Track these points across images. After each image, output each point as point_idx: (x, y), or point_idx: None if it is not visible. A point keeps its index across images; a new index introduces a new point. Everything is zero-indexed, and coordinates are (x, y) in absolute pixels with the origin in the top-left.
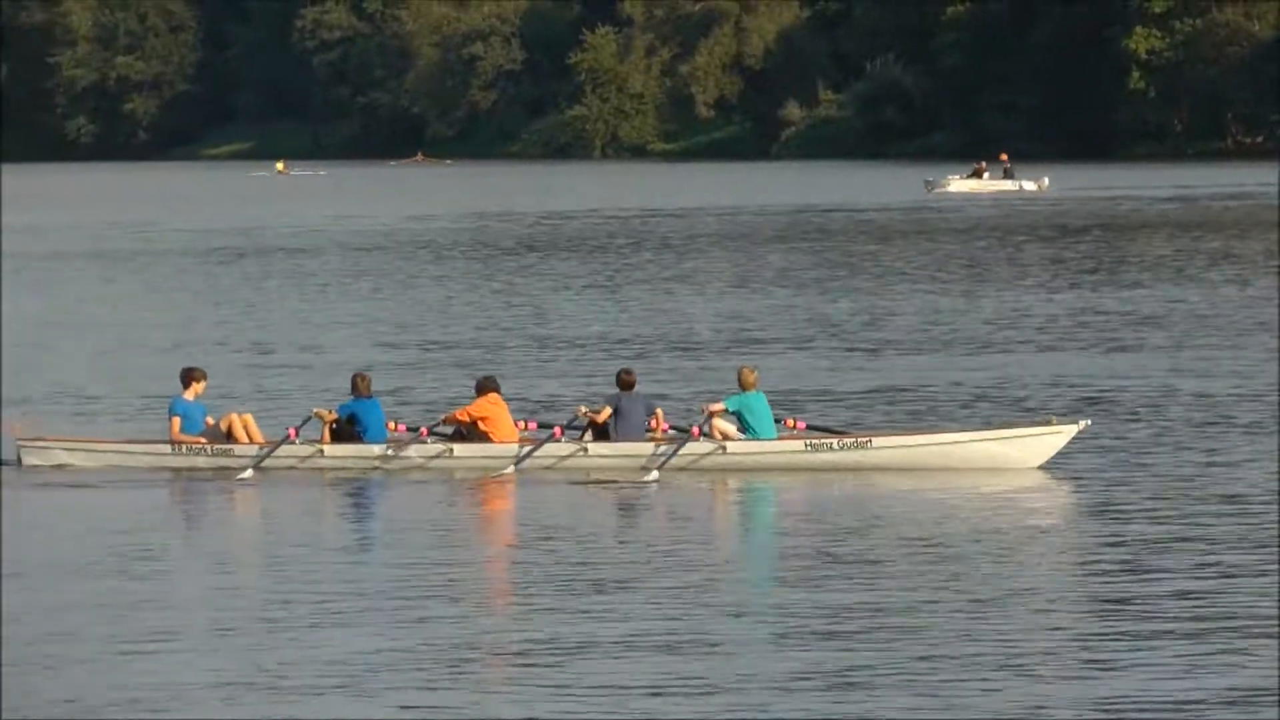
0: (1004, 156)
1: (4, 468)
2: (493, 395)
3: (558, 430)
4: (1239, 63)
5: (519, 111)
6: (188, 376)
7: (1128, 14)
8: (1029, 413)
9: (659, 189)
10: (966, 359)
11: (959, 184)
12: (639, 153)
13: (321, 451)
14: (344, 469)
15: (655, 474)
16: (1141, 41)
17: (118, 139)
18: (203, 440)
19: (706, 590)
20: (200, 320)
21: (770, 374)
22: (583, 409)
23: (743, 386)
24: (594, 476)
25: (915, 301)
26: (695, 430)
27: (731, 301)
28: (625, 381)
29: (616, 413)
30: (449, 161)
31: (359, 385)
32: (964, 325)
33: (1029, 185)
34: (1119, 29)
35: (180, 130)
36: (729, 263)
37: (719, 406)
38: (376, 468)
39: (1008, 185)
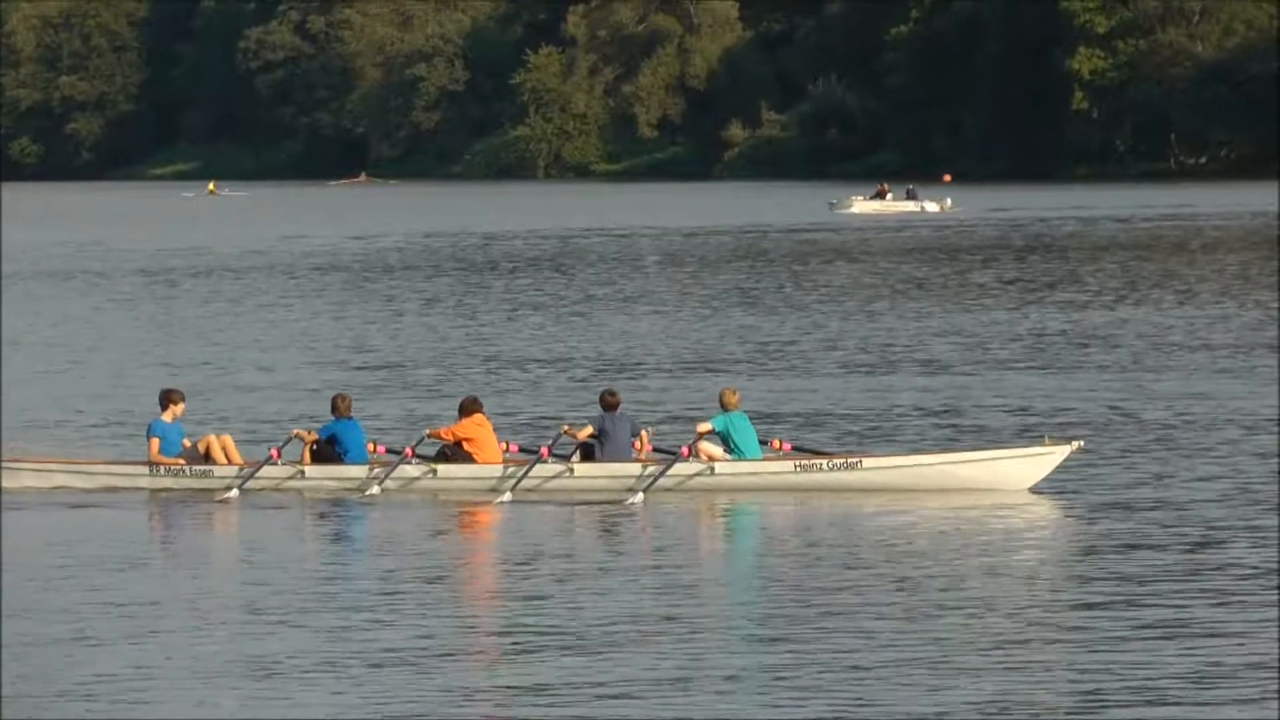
0: (947, 177)
1: None
2: (478, 416)
3: (544, 451)
4: (1182, 84)
5: (462, 132)
6: (166, 398)
7: (1071, 35)
8: (965, 435)
9: (547, 210)
10: (867, 379)
11: (862, 205)
12: (582, 173)
13: (302, 473)
14: (325, 490)
15: (640, 496)
16: (1085, 62)
17: (61, 159)
18: (181, 461)
19: (695, 612)
20: (154, 341)
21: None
22: (566, 428)
23: (725, 407)
24: (580, 498)
25: (813, 321)
26: (685, 450)
27: (643, 322)
28: (609, 402)
29: (601, 434)
30: (393, 182)
31: (339, 406)
32: (869, 345)
33: (931, 206)
34: (1063, 50)
35: (124, 150)
36: (629, 281)
37: (705, 427)
38: (359, 488)
39: (911, 206)
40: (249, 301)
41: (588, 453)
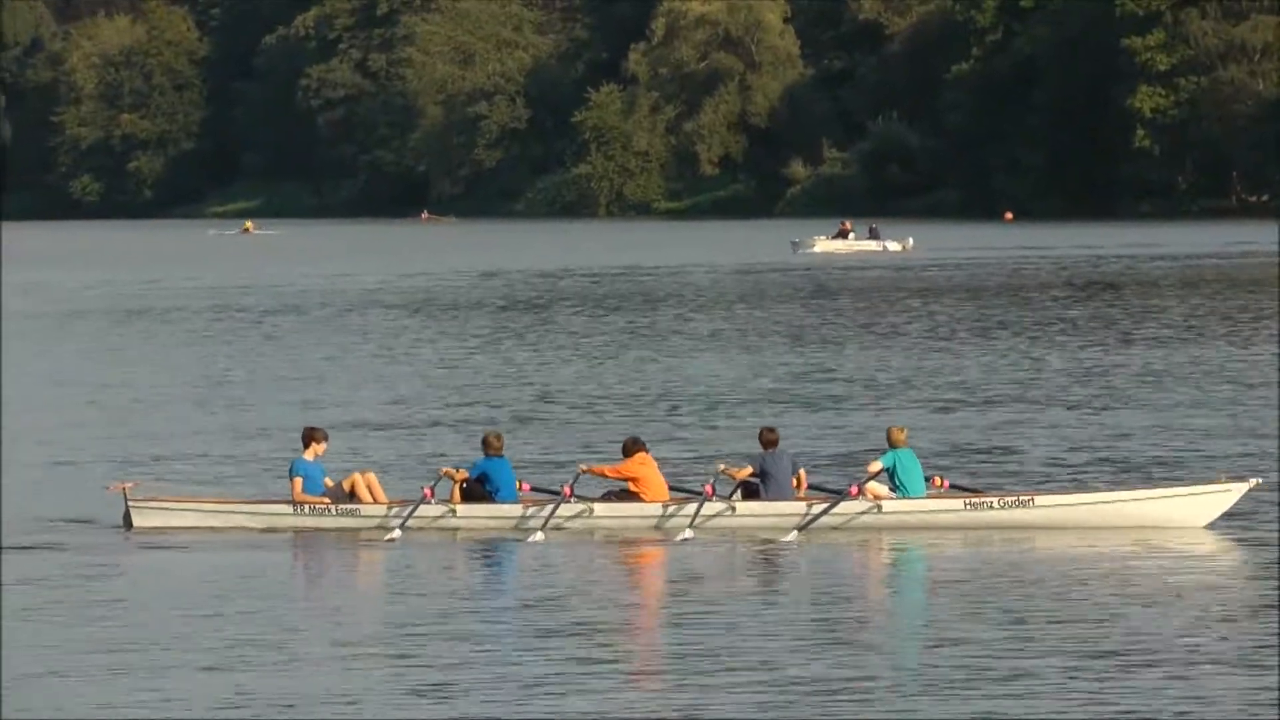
0: (1008, 215)
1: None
2: (642, 455)
3: (708, 489)
4: (1243, 121)
5: (524, 170)
6: (308, 436)
7: (1132, 72)
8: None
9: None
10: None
11: (825, 244)
12: (644, 211)
13: (454, 511)
14: (479, 529)
15: (795, 534)
16: (1146, 100)
17: (122, 197)
18: (327, 500)
19: (863, 651)
20: (254, 379)
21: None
22: (721, 466)
23: (892, 444)
24: (742, 536)
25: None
26: (853, 489)
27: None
28: (768, 440)
29: (763, 473)
30: (453, 220)
31: (491, 443)
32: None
33: (893, 245)
34: (1124, 87)
35: (185, 189)
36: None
37: (876, 467)
38: (517, 528)
39: (873, 245)
40: (337, 339)
41: (750, 491)
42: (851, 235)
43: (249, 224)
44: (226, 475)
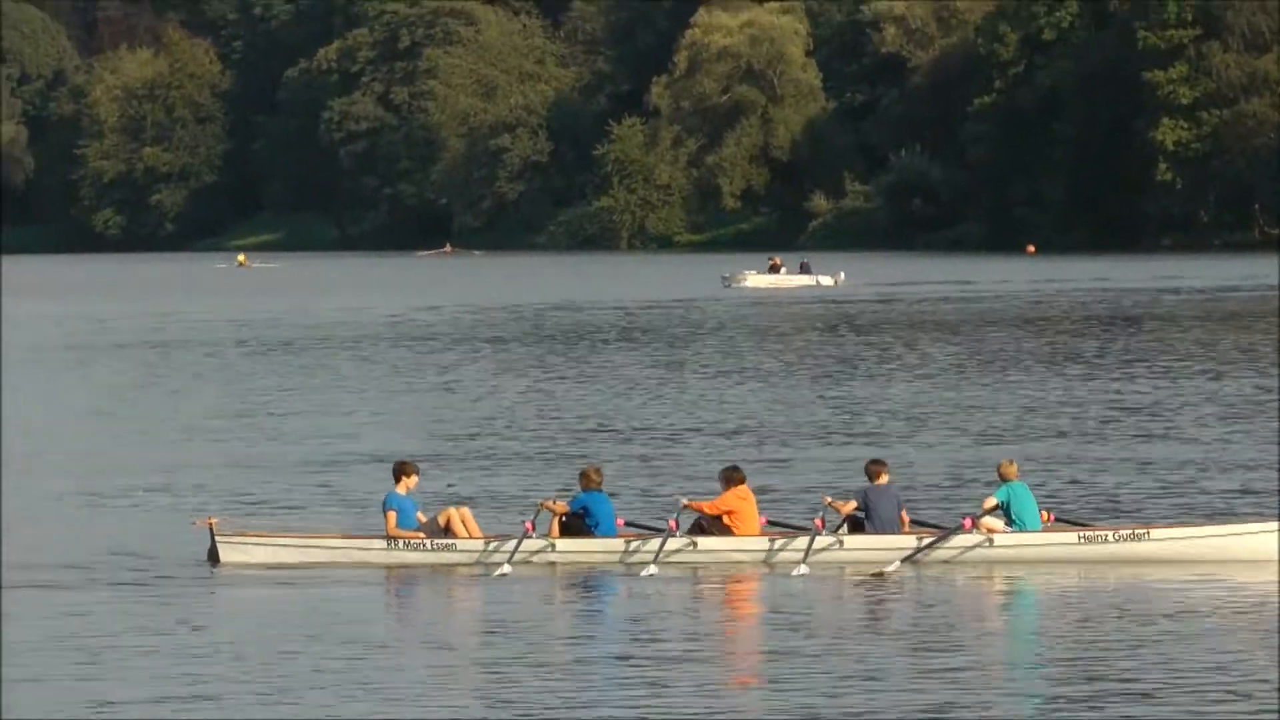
0: (1031, 249)
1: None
2: (742, 488)
3: (818, 522)
4: (1266, 154)
5: (546, 202)
6: (400, 470)
7: (1155, 105)
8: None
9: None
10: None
11: (756, 279)
12: (666, 244)
13: (553, 546)
14: (579, 564)
15: (897, 564)
16: (1168, 133)
17: (144, 230)
18: (421, 535)
19: (977, 688)
20: (301, 412)
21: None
22: (828, 499)
23: (1004, 478)
24: (850, 570)
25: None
26: (967, 522)
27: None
28: (874, 473)
29: (867, 507)
30: (477, 253)
31: (591, 477)
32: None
33: (825, 280)
34: (1146, 120)
35: (207, 222)
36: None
37: (992, 503)
38: (621, 562)
39: (804, 280)
40: (372, 372)
41: (855, 525)
42: (783, 270)
43: (242, 257)
44: (294, 507)
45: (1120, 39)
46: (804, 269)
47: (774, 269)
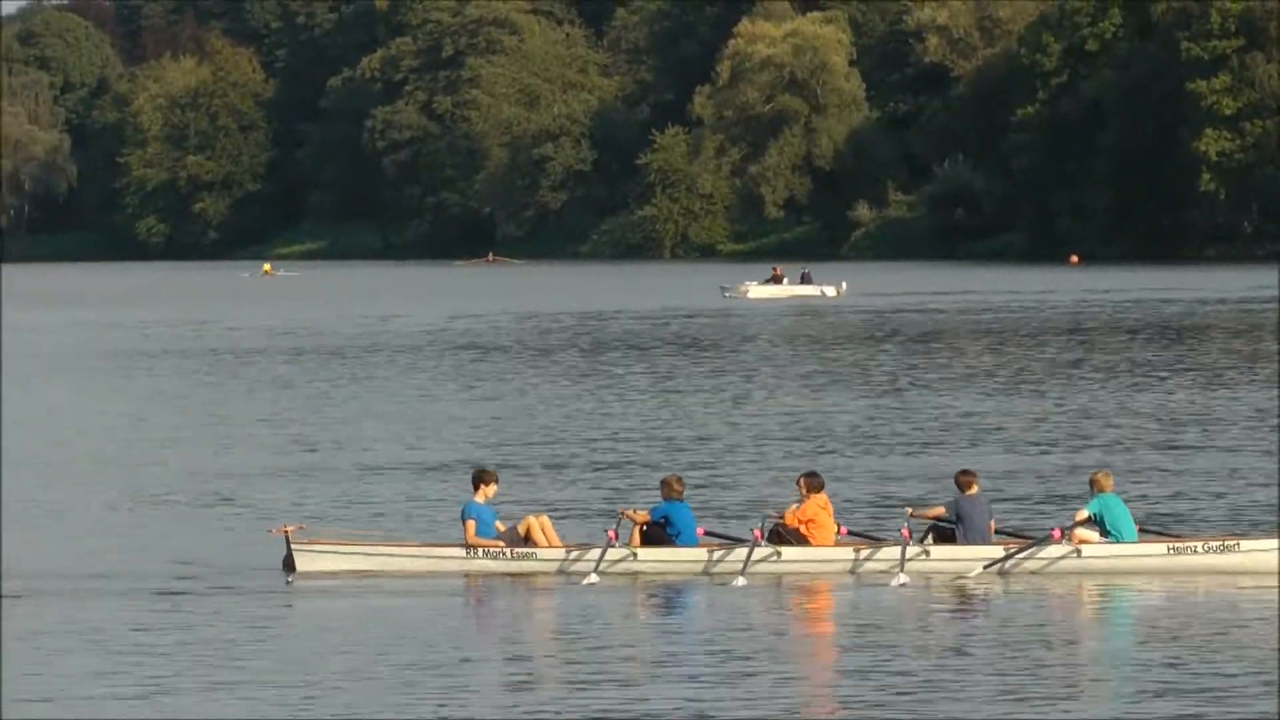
0: (1074, 259)
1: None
2: (821, 495)
3: (905, 532)
4: None
5: (589, 212)
6: (479, 479)
7: (1198, 116)
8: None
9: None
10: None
11: (757, 290)
12: (708, 253)
13: (634, 555)
14: (661, 573)
15: (980, 569)
16: (1212, 143)
17: (188, 239)
18: (500, 544)
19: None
20: (363, 418)
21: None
22: (910, 510)
23: (1098, 490)
24: (934, 580)
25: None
26: (1056, 533)
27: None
28: (965, 483)
29: (959, 517)
30: (519, 262)
31: (673, 486)
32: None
33: (828, 290)
34: (1189, 131)
35: (250, 230)
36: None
37: (1084, 515)
38: (702, 572)
39: (805, 290)
40: (417, 380)
41: (943, 535)
42: (785, 280)
43: (267, 266)
44: (361, 516)
45: (1163, 49)
46: (805, 279)
47: (775, 279)
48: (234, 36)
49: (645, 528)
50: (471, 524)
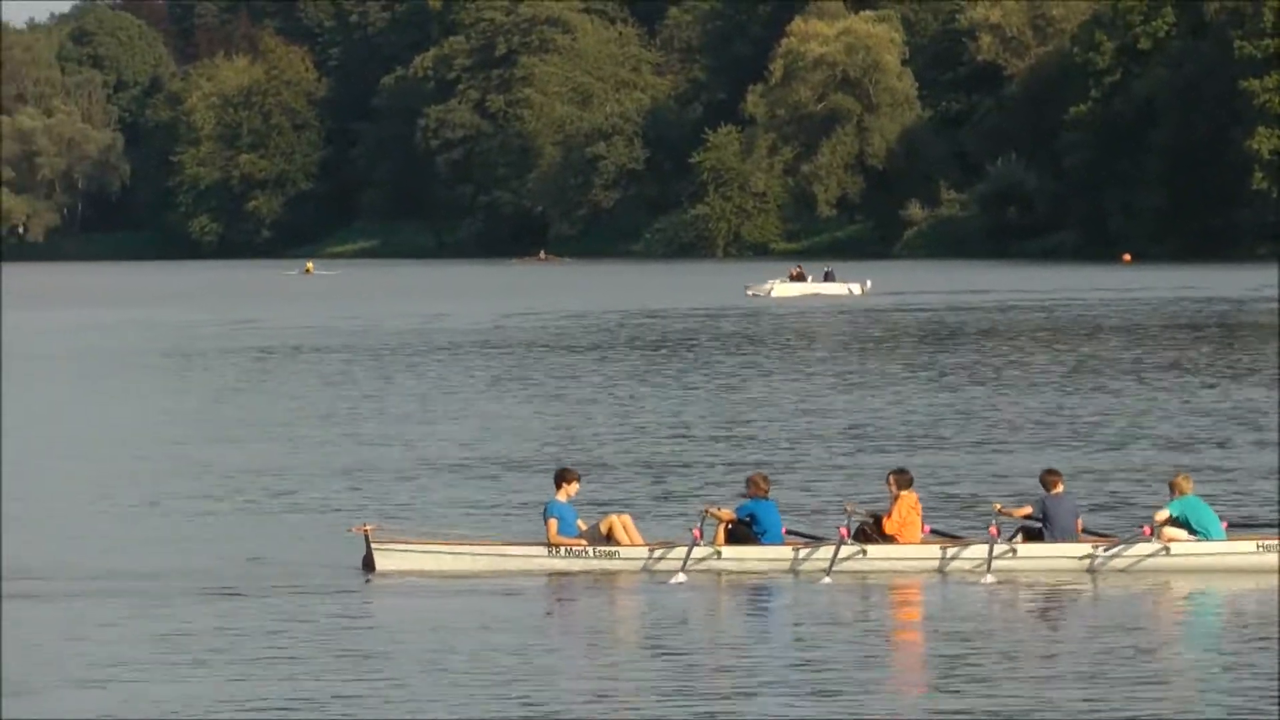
0: (1126, 257)
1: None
2: (913, 495)
3: (993, 530)
4: None
5: (641, 211)
6: (560, 477)
7: (1250, 114)
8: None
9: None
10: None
11: (781, 288)
12: (761, 251)
13: (719, 553)
14: (747, 572)
15: (1085, 563)
16: (1264, 142)
17: (241, 238)
18: (583, 542)
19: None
20: (431, 417)
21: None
22: (998, 505)
23: (1179, 494)
24: (1023, 579)
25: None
26: (1147, 530)
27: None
28: (1050, 482)
29: (1045, 516)
30: (567, 260)
31: (759, 485)
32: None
33: (854, 288)
34: (1242, 129)
35: (303, 229)
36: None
37: (1163, 515)
38: (788, 570)
39: (830, 289)
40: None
41: (1031, 534)
42: (809, 279)
43: (310, 265)
44: (433, 514)
45: (1217, 48)
46: (828, 277)
47: (799, 278)
48: (287, 35)
49: (730, 526)
50: (554, 522)
